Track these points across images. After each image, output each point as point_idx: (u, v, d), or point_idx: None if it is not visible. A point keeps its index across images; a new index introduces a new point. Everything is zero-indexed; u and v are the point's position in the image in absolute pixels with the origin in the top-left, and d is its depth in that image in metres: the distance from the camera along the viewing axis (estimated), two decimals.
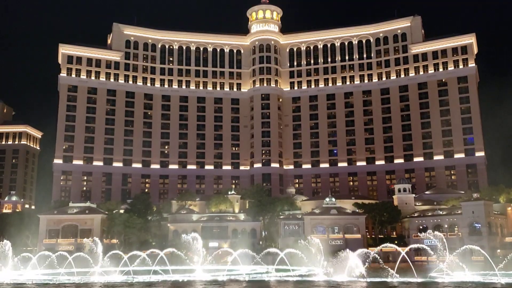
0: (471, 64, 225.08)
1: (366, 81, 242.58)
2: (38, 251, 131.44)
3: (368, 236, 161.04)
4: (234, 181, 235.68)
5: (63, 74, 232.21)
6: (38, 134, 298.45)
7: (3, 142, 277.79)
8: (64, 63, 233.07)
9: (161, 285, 74.80)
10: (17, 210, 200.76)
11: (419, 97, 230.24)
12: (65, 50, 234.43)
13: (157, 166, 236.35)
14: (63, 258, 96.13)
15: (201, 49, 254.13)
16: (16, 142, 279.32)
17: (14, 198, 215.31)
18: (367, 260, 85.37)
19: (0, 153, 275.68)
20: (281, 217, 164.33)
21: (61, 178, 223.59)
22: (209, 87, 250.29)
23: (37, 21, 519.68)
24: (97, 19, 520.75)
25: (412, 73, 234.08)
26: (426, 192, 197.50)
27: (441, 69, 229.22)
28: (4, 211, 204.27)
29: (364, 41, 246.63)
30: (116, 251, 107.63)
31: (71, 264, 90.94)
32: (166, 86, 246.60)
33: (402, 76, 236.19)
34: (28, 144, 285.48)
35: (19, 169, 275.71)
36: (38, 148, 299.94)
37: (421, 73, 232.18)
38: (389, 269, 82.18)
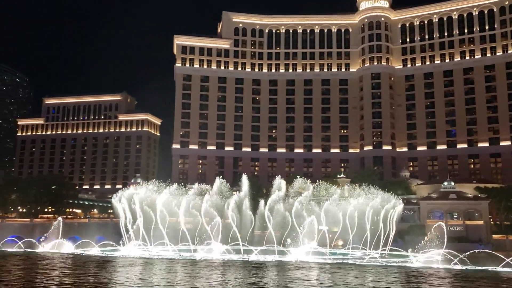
0: None
1: (488, 54, 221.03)
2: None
3: (492, 223, 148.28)
4: (343, 164, 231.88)
5: (178, 64, 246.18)
6: (158, 121, 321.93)
7: (128, 129, 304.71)
8: (179, 53, 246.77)
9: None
10: None
11: None
12: (179, 41, 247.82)
13: (266, 150, 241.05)
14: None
15: (308, 31, 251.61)
16: (139, 129, 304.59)
17: (139, 181, 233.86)
18: None
19: (126, 139, 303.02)
20: None
21: (179, 162, 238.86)
22: (316, 69, 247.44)
23: (152, 16, 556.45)
24: (207, 9, 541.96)
25: None
26: None
27: None
28: None
29: (486, 11, 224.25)
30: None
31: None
32: (273, 70, 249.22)
33: None
34: (150, 130, 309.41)
35: (142, 154, 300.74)
36: (158, 134, 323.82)
37: None
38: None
